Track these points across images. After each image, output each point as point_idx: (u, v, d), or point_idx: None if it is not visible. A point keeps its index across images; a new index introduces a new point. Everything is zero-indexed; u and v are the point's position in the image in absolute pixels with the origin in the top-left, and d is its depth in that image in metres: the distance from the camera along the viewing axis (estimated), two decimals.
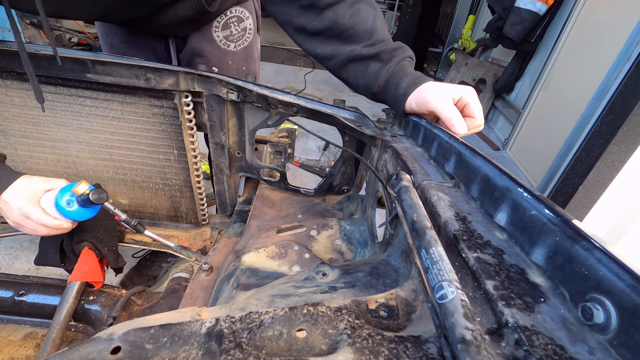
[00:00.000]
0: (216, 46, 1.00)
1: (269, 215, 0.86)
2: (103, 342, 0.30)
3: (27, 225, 0.70)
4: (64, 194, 0.70)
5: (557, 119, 2.28)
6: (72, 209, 0.70)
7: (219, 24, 0.98)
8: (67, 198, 0.70)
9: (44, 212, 0.69)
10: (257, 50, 1.12)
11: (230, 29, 1.00)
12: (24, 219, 0.69)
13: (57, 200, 0.69)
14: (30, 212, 0.68)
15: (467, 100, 0.63)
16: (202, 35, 0.97)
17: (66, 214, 0.70)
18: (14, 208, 0.68)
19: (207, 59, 1.00)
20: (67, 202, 0.70)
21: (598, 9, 2.13)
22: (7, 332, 0.88)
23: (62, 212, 0.70)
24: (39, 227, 0.70)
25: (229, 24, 0.99)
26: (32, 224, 0.69)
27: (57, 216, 0.70)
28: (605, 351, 0.25)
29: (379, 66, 0.69)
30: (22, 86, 0.80)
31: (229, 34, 1.00)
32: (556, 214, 0.32)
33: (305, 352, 0.30)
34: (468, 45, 3.85)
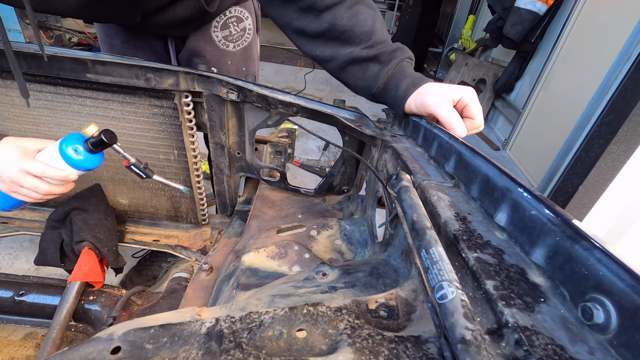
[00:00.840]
0: (215, 46, 1.00)
1: (269, 215, 0.86)
2: (103, 342, 0.30)
3: (26, 183, 0.64)
4: (69, 142, 0.66)
5: (557, 119, 2.28)
6: (80, 156, 0.67)
7: (218, 24, 0.97)
8: (72, 146, 0.66)
9: (47, 164, 0.65)
10: (257, 50, 1.12)
11: (230, 29, 0.99)
12: (23, 176, 0.63)
13: (62, 149, 0.65)
14: (30, 166, 0.63)
15: (467, 101, 0.63)
16: (201, 36, 0.97)
17: (74, 162, 0.66)
18: (9, 165, 0.63)
19: (206, 59, 1.00)
20: (74, 149, 0.66)
21: (598, 9, 2.13)
22: (7, 332, 0.88)
23: (69, 161, 0.66)
24: (40, 184, 0.65)
25: (228, 24, 0.98)
26: (32, 181, 0.64)
27: (63, 166, 0.66)
28: (605, 351, 0.25)
29: (378, 68, 0.69)
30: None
31: (228, 34, 1.00)
32: (556, 214, 0.32)
33: (305, 352, 0.30)
34: (468, 45, 3.85)
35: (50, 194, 0.68)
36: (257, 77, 1.15)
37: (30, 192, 0.66)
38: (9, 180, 0.64)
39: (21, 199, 0.68)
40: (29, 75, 0.78)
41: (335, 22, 0.67)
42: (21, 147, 0.64)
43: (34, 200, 0.68)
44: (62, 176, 0.66)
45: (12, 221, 0.99)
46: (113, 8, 0.79)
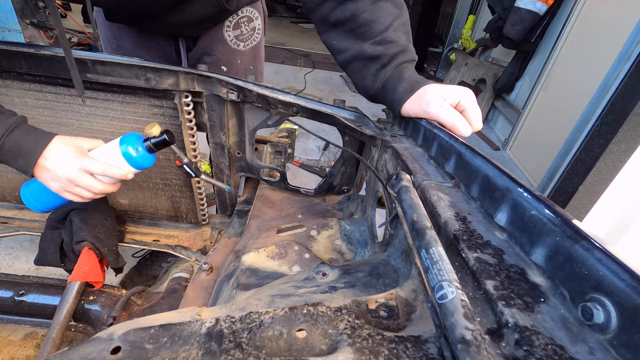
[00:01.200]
0: (227, 45, 1.01)
1: (269, 215, 0.86)
2: (103, 342, 0.30)
3: (83, 182, 0.64)
4: (130, 142, 0.68)
5: (557, 119, 2.27)
6: (140, 154, 0.69)
7: (230, 24, 0.98)
8: (132, 145, 0.68)
9: (107, 163, 0.66)
10: (263, 50, 1.14)
11: (241, 28, 1.01)
12: (81, 175, 0.63)
13: (124, 149, 0.68)
14: (90, 165, 0.63)
15: (465, 105, 0.63)
16: (213, 35, 0.98)
17: (135, 160, 0.69)
18: (68, 164, 0.62)
19: (217, 58, 1.01)
20: (135, 149, 0.68)
21: (598, 9, 2.13)
22: (7, 332, 0.88)
23: (130, 160, 0.68)
24: (96, 183, 0.65)
25: (240, 23, 1.00)
26: (89, 180, 0.64)
27: (122, 165, 0.68)
28: (605, 351, 0.25)
29: (377, 69, 0.70)
30: (22, 86, 0.80)
31: (239, 33, 1.01)
32: (556, 214, 0.32)
33: (305, 352, 0.30)
34: (468, 45, 3.85)
35: (102, 192, 0.68)
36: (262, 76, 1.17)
37: (84, 191, 0.66)
38: (65, 179, 0.63)
39: (71, 198, 0.67)
40: (29, 75, 0.78)
41: (357, 14, 0.68)
42: (75, 146, 0.64)
43: (82, 200, 0.67)
44: (122, 174, 0.67)
45: (12, 221, 0.99)
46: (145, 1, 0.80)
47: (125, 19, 0.91)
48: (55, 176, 0.62)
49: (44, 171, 0.62)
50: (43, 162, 0.61)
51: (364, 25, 0.69)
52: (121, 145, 0.67)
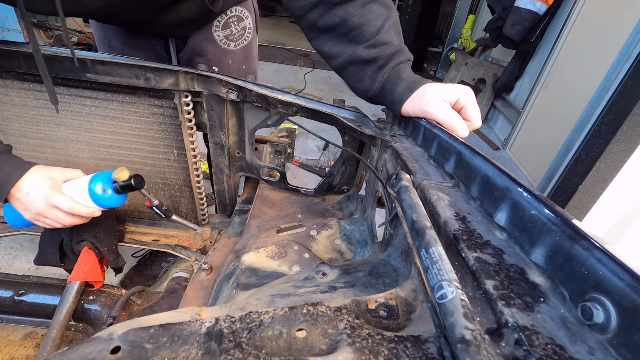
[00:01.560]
0: (217, 46, 1.00)
1: (269, 215, 0.86)
2: (103, 342, 0.30)
3: (52, 216, 0.66)
4: (97, 181, 0.70)
5: (557, 119, 2.27)
6: (107, 196, 0.70)
7: (219, 24, 0.98)
8: (102, 186, 0.70)
9: (75, 200, 0.67)
10: (256, 49, 1.13)
11: (231, 28, 1.00)
12: (50, 210, 0.65)
13: (91, 189, 0.69)
14: (60, 201, 0.65)
15: (464, 103, 0.63)
16: (202, 35, 0.98)
17: (101, 201, 0.70)
18: (38, 198, 0.64)
19: (208, 58, 1.00)
20: (102, 189, 0.69)
21: (598, 9, 2.13)
22: (7, 332, 0.88)
23: (96, 200, 0.69)
24: (65, 217, 0.67)
25: (229, 23, 0.99)
26: (58, 214, 0.66)
27: (89, 204, 0.69)
28: (605, 351, 0.25)
29: (375, 71, 0.70)
30: (22, 86, 0.80)
31: (229, 33, 1.00)
32: (556, 214, 0.32)
33: (305, 352, 0.30)
34: (468, 45, 3.85)
35: (72, 224, 0.70)
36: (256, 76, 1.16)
37: (53, 223, 0.68)
38: (35, 212, 0.65)
39: (42, 226, 0.70)
40: (29, 75, 0.78)
41: (347, 18, 0.68)
42: (50, 179, 0.66)
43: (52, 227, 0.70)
44: (88, 213, 0.69)
45: None
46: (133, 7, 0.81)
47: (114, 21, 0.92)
48: (26, 207, 0.65)
49: (17, 201, 0.65)
50: (16, 192, 0.63)
51: (355, 30, 0.68)
52: (90, 184, 0.69)
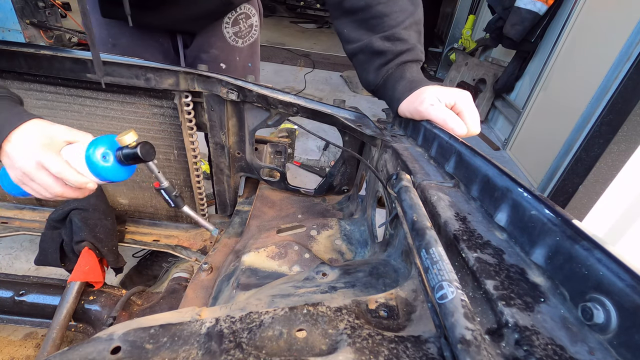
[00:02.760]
0: (226, 42, 1.01)
1: (269, 215, 0.86)
2: (103, 342, 0.30)
3: (38, 178, 0.55)
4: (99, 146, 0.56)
5: (557, 118, 2.27)
6: (107, 164, 0.57)
7: (229, 20, 0.98)
8: (102, 151, 0.56)
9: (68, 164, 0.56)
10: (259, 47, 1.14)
11: (239, 25, 1.01)
12: (37, 170, 0.55)
13: (89, 153, 0.56)
14: (49, 161, 0.54)
15: (461, 108, 0.62)
16: (211, 32, 0.98)
17: (98, 170, 0.56)
18: (26, 153, 0.54)
19: (216, 55, 1.01)
20: (102, 155, 0.56)
21: (598, 9, 2.13)
22: (7, 332, 0.88)
23: (92, 168, 0.56)
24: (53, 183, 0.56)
25: (238, 20, 1.00)
26: (45, 178, 0.55)
27: (84, 172, 0.56)
28: (605, 351, 0.25)
29: (381, 65, 0.70)
30: (22, 86, 0.80)
31: (238, 30, 1.01)
32: (556, 214, 0.32)
33: (305, 352, 0.30)
34: (468, 45, 3.85)
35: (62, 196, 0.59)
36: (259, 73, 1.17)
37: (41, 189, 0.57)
38: (20, 170, 0.55)
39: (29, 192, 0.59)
40: (29, 75, 0.78)
41: (372, 5, 0.68)
42: (47, 136, 0.56)
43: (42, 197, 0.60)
44: (79, 182, 0.57)
45: (12, 221, 0.99)
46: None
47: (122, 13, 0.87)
48: (12, 163, 0.55)
49: (5, 156, 0.55)
50: (6, 145, 0.54)
51: (376, 18, 0.68)
52: (88, 148, 0.56)
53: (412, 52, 0.70)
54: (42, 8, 2.61)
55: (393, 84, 0.69)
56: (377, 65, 0.70)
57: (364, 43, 0.70)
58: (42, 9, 2.61)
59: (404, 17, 0.68)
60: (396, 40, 0.68)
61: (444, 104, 0.62)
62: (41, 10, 2.61)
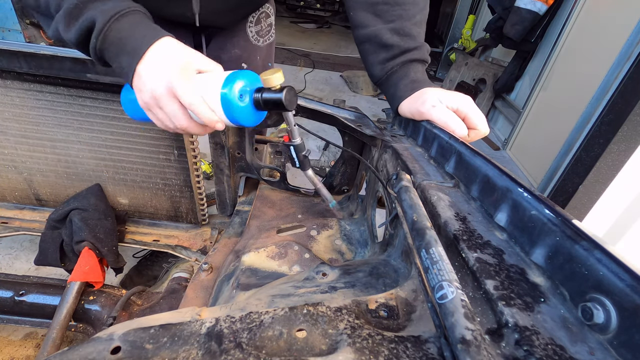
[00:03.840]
0: (248, 41, 1.00)
1: (269, 215, 0.86)
2: (103, 342, 0.30)
3: (166, 106, 0.50)
4: (238, 80, 0.50)
5: (557, 119, 2.28)
6: (242, 104, 0.51)
7: (253, 19, 0.98)
8: (241, 87, 0.50)
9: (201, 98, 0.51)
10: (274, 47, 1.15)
11: (261, 24, 1.01)
12: (167, 96, 0.49)
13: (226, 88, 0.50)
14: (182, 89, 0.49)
15: (465, 112, 0.62)
16: (235, 31, 0.98)
17: (232, 109, 0.50)
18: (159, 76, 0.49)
19: (238, 55, 1.00)
20: (240, 92, 0.50)
21: (598, 9, 2.13)
22: (7, 332, 0.88)
23: (226, 106, 0.50)
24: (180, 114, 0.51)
25: (260, 19, 1.00)
26: (173, 106, 0.50)
27: (215, 108, 0.50)
28: (605, 351, 0.25)
29: (386, 59, 0.69)
30: (22, 86, 0.80)
31: (259, 29, 1.01)
32: (556, 214, 0.32)
33: (305, 352, 0.30)
34: (468, 45, 3.85)
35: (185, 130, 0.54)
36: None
37: (166, 118, 0.52)
38: (149, 95, 0.50)
39: (152, 119, 0.54)
40: (29, 75, 0.78)
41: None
42: (183, 60, 0.50)
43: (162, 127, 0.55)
44: (209, 119, 0.51)
45: (12, 221, 0.99)
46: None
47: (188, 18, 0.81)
48: (143, 86, 0.50)
49: (137, 77, 0.50)
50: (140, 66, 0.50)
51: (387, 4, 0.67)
52: (226, 83, 0.50)
53: (420, 51, 0.69)
54: None
55: (396, 82, 0.69)
56: (382, 59, 0.70)
57: (372, 31, 0.68)
58: None
59: (415, 10, 0.67)
60: (405, 35, 0.67)
61: (445, 106, 0.62)
62: None
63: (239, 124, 0.53)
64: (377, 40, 0.69)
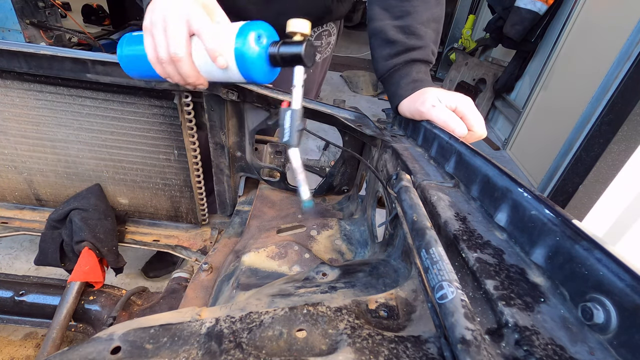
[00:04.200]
0: None
1: (269, 215, 0.86)
2: (103, 342, 0.30)
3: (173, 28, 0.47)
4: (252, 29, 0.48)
5: (557, 118, 2.28)
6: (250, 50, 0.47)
7: (314, 34, 1.00)
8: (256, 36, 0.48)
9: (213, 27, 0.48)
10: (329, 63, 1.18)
11: (322, 40, 1.03)
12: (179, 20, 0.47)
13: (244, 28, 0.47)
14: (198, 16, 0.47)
15: (463, 112, 0.61)
16: None
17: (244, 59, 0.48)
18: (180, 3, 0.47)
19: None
20: (257, 35, 0.48)
21: (598, 9, 2.13)
22: (7, 332, 0.88)
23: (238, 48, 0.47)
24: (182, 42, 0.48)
25: (321, 35, 1.02)
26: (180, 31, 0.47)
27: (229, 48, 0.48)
28: (605, 351, 0.25)
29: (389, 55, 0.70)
30: (22, 86, 0.80)
31: (319, 45, 1.03)
32: (556, 214, 0.32)
33: (305, 352, 0.30)
34: (468, 45, 3.85)
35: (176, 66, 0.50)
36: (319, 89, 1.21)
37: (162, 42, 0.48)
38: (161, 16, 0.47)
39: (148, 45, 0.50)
40: (29, 75, 0.78)
41: None
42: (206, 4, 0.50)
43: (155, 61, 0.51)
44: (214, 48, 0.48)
45: (12, 221, 0.99)
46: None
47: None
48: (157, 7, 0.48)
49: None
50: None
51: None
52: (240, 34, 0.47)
53: (424, 51, 0.69)
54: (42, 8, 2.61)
55: (397, 80, 0.69)
56: (386, 55, 0.70)
57: (379, 26, 0.69)
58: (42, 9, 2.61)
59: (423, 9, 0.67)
60: (411, 34, 0.67)
61: (445, 106, 0.62)
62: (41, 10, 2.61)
63: (251, 78, 0.50)
64: (382, 35, 0.70)
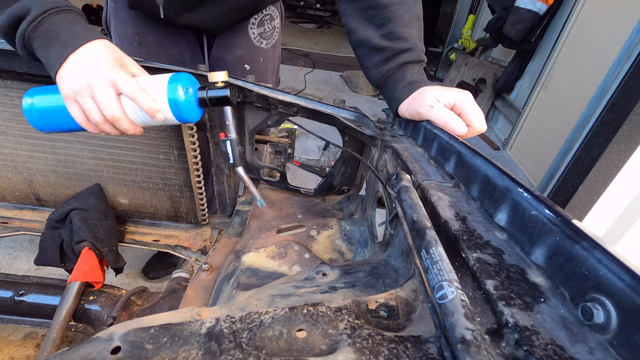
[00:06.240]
0: (250, 43, 1.01)
1: (269, 215, 0.86)
2: (103, 342, 0.30)
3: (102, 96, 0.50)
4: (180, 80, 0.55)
5: (557, 119, 2.28)
6: (184, 98, 0.55)
7: (255, 21, 0.99)
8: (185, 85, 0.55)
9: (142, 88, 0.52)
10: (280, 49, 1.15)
11: (264, 26, 1.01)
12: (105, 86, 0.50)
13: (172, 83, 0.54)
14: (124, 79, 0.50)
15: (462, 107, 0.61)
16: (237, 32, 0.98)
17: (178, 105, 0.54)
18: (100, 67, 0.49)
19: (241, 55, 1.01)
20: (184, 88, 0.55)
21: (598, 9, 2.13)
22: (7, 332, 0.88)
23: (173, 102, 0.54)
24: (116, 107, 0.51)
25: (263, 21, 1.00)
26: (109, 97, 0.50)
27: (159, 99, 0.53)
28: (605, 351, 0.25)
29: (380, 62, 0.70)
30: (22, 86, 0.80)
31: (262, 31, 1.01)
32: (556, 214, 0.31)
33: (305, 352, 0.30)
34: (468, 45, 3.85)
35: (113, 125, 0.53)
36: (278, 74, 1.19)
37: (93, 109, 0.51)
38: (85, 82, 0.49)
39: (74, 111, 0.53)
40: (29, 75, 0.78)
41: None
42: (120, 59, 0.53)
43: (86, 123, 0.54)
44: (150, 107, 0.52)
45: (12, 221, 0.99)
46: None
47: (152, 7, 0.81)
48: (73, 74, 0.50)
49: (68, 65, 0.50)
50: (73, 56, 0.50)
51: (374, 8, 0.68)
52: (171, 82, 0.54)
53: (414, 52, 0.69)
54: None
55: (393, 85, 0.69)
56: (376, 62, 0.70)
57: (363, 36, 0.70)
58: None
59: (403, 10, 0.68)
60: (397, 39, 0.68)
61: (443, 105, 0.62)
62: None
63: (184, 119, 0.57)
64: (368, 44, 0.70)
